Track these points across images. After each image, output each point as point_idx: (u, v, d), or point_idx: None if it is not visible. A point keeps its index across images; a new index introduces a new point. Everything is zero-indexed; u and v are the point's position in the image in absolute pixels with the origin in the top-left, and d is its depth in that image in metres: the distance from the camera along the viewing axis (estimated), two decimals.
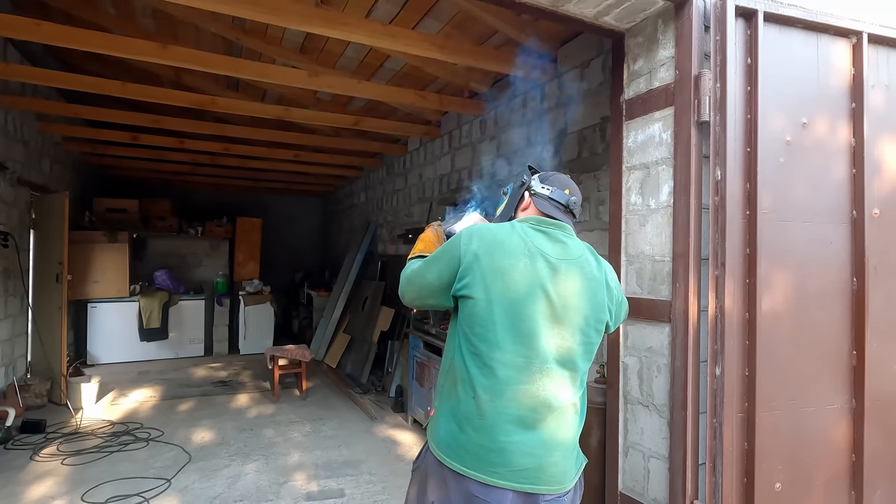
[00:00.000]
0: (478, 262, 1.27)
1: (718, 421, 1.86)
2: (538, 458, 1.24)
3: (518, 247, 1.29)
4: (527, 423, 1.24)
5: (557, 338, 1.27)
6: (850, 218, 2.08)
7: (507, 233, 1.32)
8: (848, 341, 2.06)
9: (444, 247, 1.36)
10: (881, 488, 2.12)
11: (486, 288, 1.25)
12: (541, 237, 1.33)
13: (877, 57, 2.13)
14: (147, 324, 6.34)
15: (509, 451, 1.22)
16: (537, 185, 1.44)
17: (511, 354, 1.24)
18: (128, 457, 3.45)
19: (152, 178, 8.02)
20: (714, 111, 1.88)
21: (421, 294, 1.39)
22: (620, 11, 2.06)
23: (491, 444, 1.23)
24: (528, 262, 1.27)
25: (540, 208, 1.41)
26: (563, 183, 1.45)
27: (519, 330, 1.24)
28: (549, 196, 1.42)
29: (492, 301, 1.25)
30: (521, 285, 1.25)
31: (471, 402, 1.25)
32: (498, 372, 1.23)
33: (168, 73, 4.51)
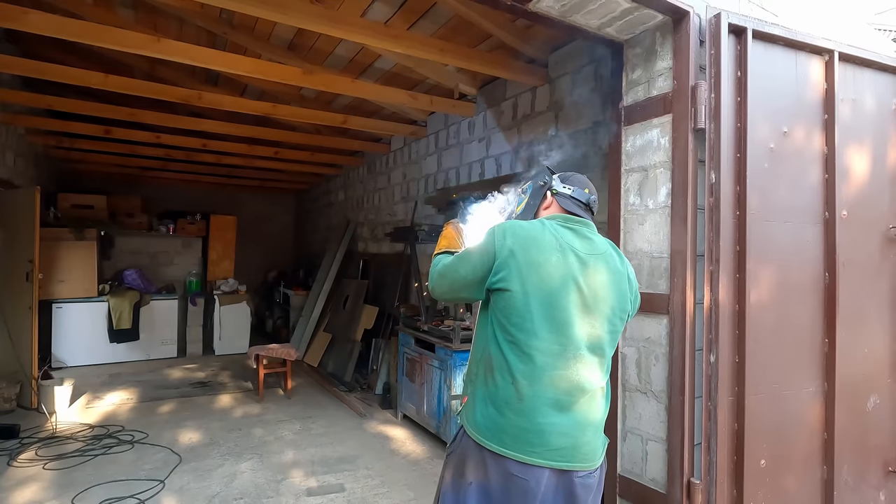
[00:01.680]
0: (513, 257, 1.34)
1: (713, 404, 2.02)
2: (573, 437, 1.33)
3: (550, 242, 1.38)
4: (563, 405, 1.33)
5: (588, 326, 1.37)
6: (822, 219, 2.29)
7: (539, 229, 1.40)
8: (821, 330, 2.28)
9: (479, 242, 1.43)
10: (848, 463, 2.35)
11: (523, 281, 1.33)
12: (569, 233, 1.42)
13: (845, 73, 2.35)
14: (117, 324, 6.10)
15: (547, 432, 1.31)
16: (558, 185, 1.54)
17: (547, 342, 1.32)
18: (114, 460, 3.36)
19: (121, 173, 7.72)
20: (709, 119, 2.04)
21: (454, 287, 1.46)
22: (622, 24, 2.20)
23: (530, 425, 1.31)
24: (560, 256, 1.36)
25: (564, 206, 1.51)
26: (583, 182, 1.55)
27: (554, 319, 1.33)
28: (571, 195, 1.51)
29: (528, 293, 1.33)
30: (555, 278, 1.34)
31: (510, 387, 1.33)
32: (536, 359, 1.32)
33: (142, 64, 4.39)
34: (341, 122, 4.86)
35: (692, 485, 2.03)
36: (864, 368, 2.38)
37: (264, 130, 5.43)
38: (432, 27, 3.39)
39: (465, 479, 1.39)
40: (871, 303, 2.42)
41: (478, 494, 1.35)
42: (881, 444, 2.46)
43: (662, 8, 2.06)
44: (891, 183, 2.49)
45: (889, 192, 2.49)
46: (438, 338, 3.68)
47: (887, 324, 2.47)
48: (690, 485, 2.03)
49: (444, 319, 4.04)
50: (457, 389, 3.48)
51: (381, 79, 4.33)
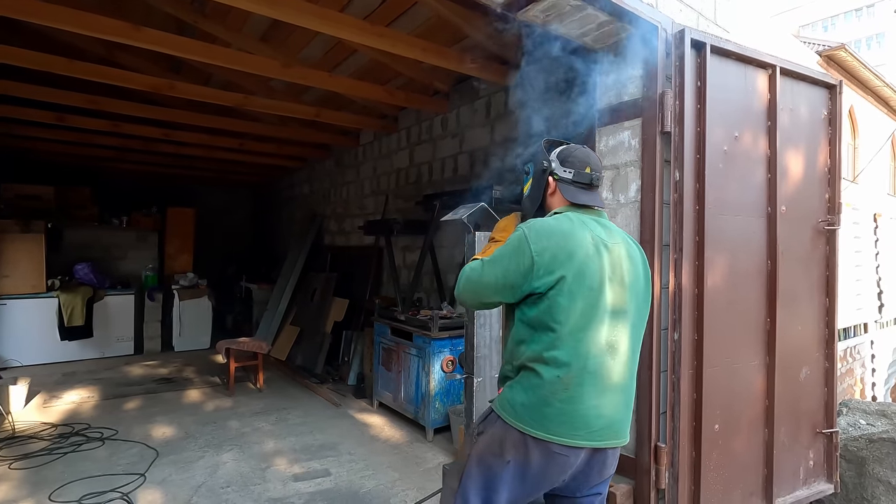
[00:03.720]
0: (554, 259, 1.37)
1: (677, 377, 2.29)
2: (611, 418, 1.42)
3: (583, 237, 1.41)
4: (603, 392, 1.41)
5: (624, 317, 1.44)
6: (766, 213, 2.61)
7: (568, 225, 1.43)
8: (764, 311, 2.60)
9: (508, 247, 1.43)
10: (784, 426, 2.69)
11: (565, 280, 1.37)
12: (593, 223, 1.47)
13: (785, 86, 2.67)
14: (69, 321, 5.83)
15: (590, 416, 1.39)
16: (559, 168, 1.52)
17: (592, 334, 1.38)
18: (85, 456, 3.28)
19: (70, 163, 7.29)
20: (675, 123, 2.29)
21: (482, 292, 1.47)
22: (598, 34, 2.41)
23: (575, 412, 1.38)
24: (594, 249, 1.41)
25: (567, 196, 1.51)
26: (583, 160, 1.52)
27: (596, 314, 1.39)
28: (573, 179, 1.51)
29: (573, 292, 1.37)
30: (594, 272, 1.39)
31: (556, 381, 1.37)
32: (580, 350, 1.37)
33: (98, 49, 4.22)
34: (314, 115, 4.87)
35: (659, 448, 2.29)
36: (799, 343, 2.73)
37: (229, 121, 5.33)
38: (411, 25, 3.50)
39: (502, 458, 1.43)
40: (804, 287, 2.78)
41: (514, 470, 1.42)
42: (811, 409, 2.83)
43: (634, 22, 2.28)
44: (820, 182, 2.85)
45: (819, 191, 2.85)
46: (416, 327, 3.81)
47: (816, 305, 2.84)
48: (657, 449, 2.29)
49: (421, 309, 4.18)
50: (436, 375, 3.64)
51: (355, 73, 4.39)
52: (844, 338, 5.14)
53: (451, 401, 3.71)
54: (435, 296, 4.45)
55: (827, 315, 2.89)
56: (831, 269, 2.89)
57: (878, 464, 3.11)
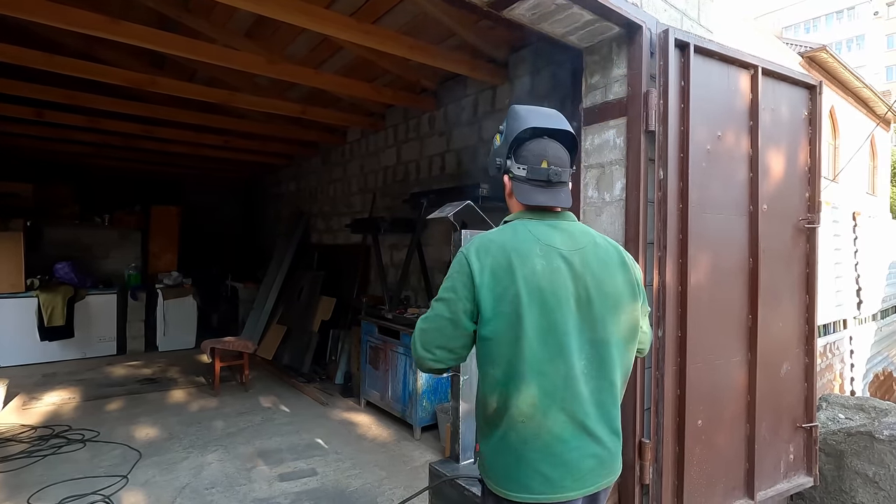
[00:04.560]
0: (495, 278, 1.17)
1: (661, 373, 2.31)
2: (599, 456, 1.22)
3: (530, 248, 1.20)
4: (582, 425, 1.20)
5: (590, 332, 1.21)
6: (747, 211, 2.65)
7: (511, 236, 1.22)
8: (746, 308, 2.63)
9: (451, 270, 1.24)
10: (766, 421, 2.74)
11: (513, 303, 1.16)
12: (546, 229, 1.24)
13: (766, 86, 2.71)
14: (49, 321, 5.71)
15: (573, 460, 1.19)
16: (513, 165, 1.29)
17: (553, 364, 1.17)
18: (66, 459, 3.23)
19: (50, 160, 7.13)
20: (659, 122, 2.31)
21: (440, 337, 1.22)
22: (583, 33, 2.42)
23: (554, 459, 1.18)
24: (545, 261, 1.19)
25: (520, 198, 1.28)
26: (539, 153, 1.28)
27: (555, 336, 1.18)
28: (527, 177, 1.27)
29: (522, 315, 1.15)
30: (546, 289, 1.17)
31: (522, 426, 1.18)
32: (544, 386, 1.17)
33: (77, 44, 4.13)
34: (300, 112, 4.83)
35: (643, 444, 2.31)
36: (779, 340, 2.78)
37: (214, 118, 5.26)
38: (397, 23, 3.48)
39: None
40: (785, 284, 2.83)
41: None
42: (791, 404, 2.88)
43: (620, 22, 2.30)
44: (800, 181, 2.90)
45: (799, 189, 2.90)
46: (404, 325, 3.81)
47: (797, 302, 2.89)
48: (642, 444, 2.31)
49: (409, 308, 4.17)
50: (423, 374, 3.63)
51: (341, 70, 4.35)
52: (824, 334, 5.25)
53: (439, 399, 3.72)
54: (422, 294, 4.44)
55: (807, 312, 2.94)
56: (811, 267, 2.94)
57: (856, 457, 3.18)
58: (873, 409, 3.78)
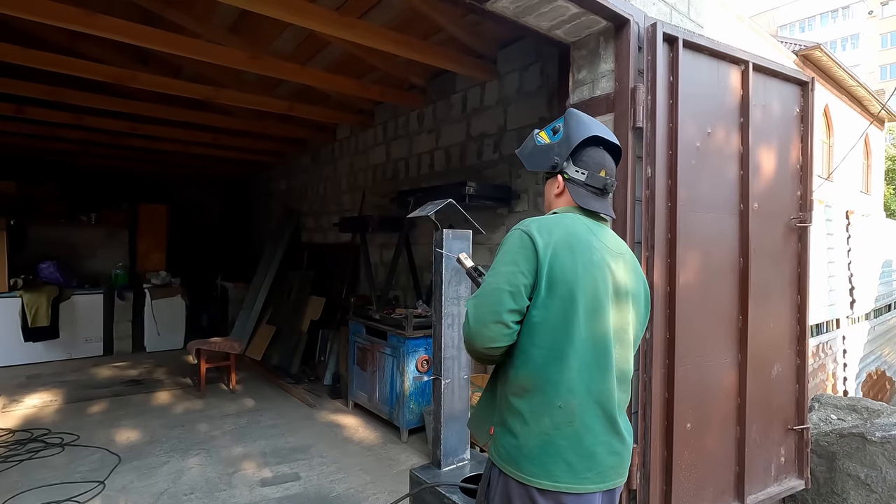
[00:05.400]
0: (557, 259, 1.17)
1: (648, 376, 2.26)
2: (620, 453, 1.25)
3: (589, 240, 1.24)
4: (609, 420, 1.22)
5: (626, 337, 1.28)
6: (738, 210, 2.59)
7: (571, 224, 1.24)
8: (736, 308, 2.58)
9: (507, 245, 1.22)
10: (756, 423, 2.69)
11: (569, 285, 1.17)
12: (598, 228, 1.30)
13: (757, 82, 2.66)
14: (33, 322, 5.61)
15: (599, 453, 1.19)
16: (571, 168, 1.33)
17: (592, 354, 1.19)
18: (43, 464, 3.15)
19: (34, 157, 7.02)
20: (647, 119, 2.25)
21: (497, 300, 1.16)
22: (570, 27, 2.36)
23: (582, 449, 1.18)
24: (601, 259, 1.23)
25: (576, 199, 1.32)
26: (599, 162, 1.33)
27: (603, 330, 1.20)
28: (585, 182, 1.32)
29: (575, 300, 1.17)
30: (601, 284, 1.21)
31: (557, 410, 1.17)
32: (585, 375, 1.18)
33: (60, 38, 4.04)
34: (286, 108, 4.75)
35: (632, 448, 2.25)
36: (770, 340, 2.73)
37: (201, 115, 5.17)
38: (384, 17, 3.41)
39: None
40: (776, 284, 2.78)
41: None
42: (782, 405, 2.84)
43: (606, 15, 2.24)
44: (792, 179, 2.85)
45: (791, 188, 2.85)
46: (391, 326, 3.74)
47: (788, 302, 2.84)
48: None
49: (396, 308, 4.10)
50: (410, 375, 3.57)
51: (328, 67, 4.28)
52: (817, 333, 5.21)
53: (427, 401, 3.66)
54: (411, 294, 4.38)
55: (799, 312, 2.90)
56: (803, 266, 2.89)
57: (848, 458, 3.14)
58: (866, 410, 3.75)
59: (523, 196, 3.36)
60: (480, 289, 1.23)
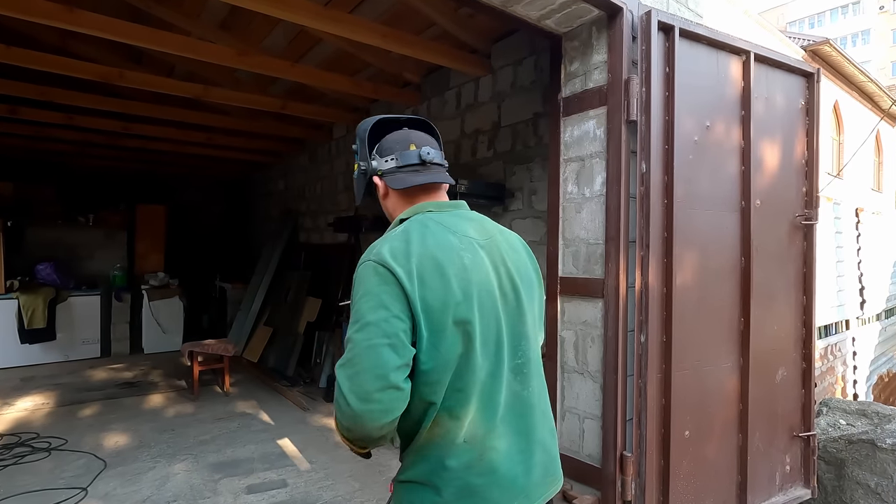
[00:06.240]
0: (424, 283, 0.97)
1: (643, 381, 2.15)
2: (545, 463, 1.11)
3: (450, 242, 1.04)
4: (527, 431, 1.08)
5: (522, 326, 1.11)
6: (739, 207, 2.48)
7: (421, 230, 1.04)
8: (737, 310, 2.47)
9: (362, 287, 0.99)
10: (759, 430, 2.57)
11: (453, 312, 0.99)
12: (457, 220, 1.10)
13: (759, 73, 2.54)
14: (29, 323, 5.59)
15: (519, 473, 1.05)
16: (379, 162, 1.15)
17: (494, 372, 1.04)
18: (27, 469, 3.09)
19: (31, 158, 7.01)
20: (641, 112, 2.15)
21: (381, 380, 0.91)
22: (560, 17, 2.26)
23: (502, 479, 1.03)
24: (471, 255, 1.05)
25: (397, 185, 1.13)
26: (402, 141, 1.16)
27: (494, 342, 1.04)
28: (398, 166, 1.13)
29: (464, 325, 1.00)
30: (479, 287, 1.03)
31: (466, 448, 1.01)
32: (486, 399, 1.03)
33: (50, 37, 3.99)
34: (279, 107, 4.67)
35: (624, 458, 2.15)
36: (774, 344, 2.61)
37: (195, 114, 5.11)
38: (375, 12, 3.32)
39: None
40: (780, 284, 2.66)
41: None
42: (788, 412, 2.72)
43: (598, 3, 2.13)
44: (797, 175, 2.73)
45: (796, 184, 2.73)
46: None
47: (793, 303, 2.72)
48: (623, 458, 2.15)
49: None
50: None
51: (321, 64, 4.20)
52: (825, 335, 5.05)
53: None
54: None
55: (804, 314, 2.78)
56: (809, 266, 2.77)
57: (858, 466, 3.01)
58: (876, 415, 3.61)
59: (518, 194, 3.26)
60: (348, 353, 0.96)
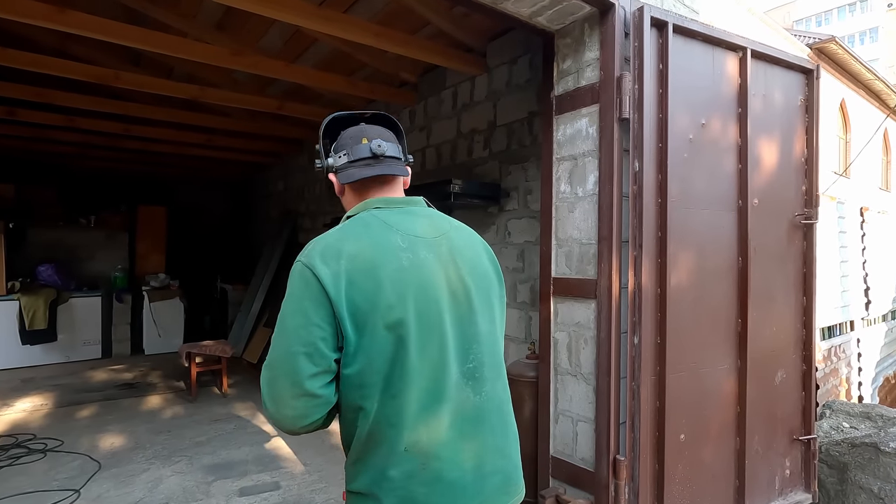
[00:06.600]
0: (354, 287, 0.94)
1: (636, 384, 2.11)
2: (504, 470, 1.05)
3: (389, 242, 1.00)
4: (480, 437, 1.02)
5: (475, 326, 1.05)
6: (736, 206, 2.43)
7: (361, 230, 1.01)
8: (735, 311, 2.42)
9: (289, 291, 0.97)
10: (758, 433, 2.53)
11: (383, 316, 0.94)
12: (401, 216, 1.06)
13: (757, 70, 2.50)
14: (30, 325, 5.61)
15: (472, 484, 0.99)
16: (334, 159, 1.14)
17: (437, 376, 0.98)
18: (22, 471, 3.08)
19: (32, 160, 7.05)
20: (633, 109, 2.11)
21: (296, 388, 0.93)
22: (552, 13, 2.23)
23: (451, 489, 0.97)
24: (411, 254, 1.00)
25: (348, 180, 1.10)
26: (356, 135, 1.14)
27: (436, 346, 0.99)
28: (350, 161, 1.10)
29: (397, 330, 0.95)
30: (419, 289, 0.98)
31: (406, 457, 0.95)
32: (428, 403, 0.97)
33: (51, 40, 4.00)
34: (276, 107, 4.67)
35: (618, 461, 2.11)
36: (773, 345, 2.56)
37: (194, 115, 5.11)
38: (370, 12, 3.30)
39: None
40: (779, 284, 2.61)
41: None
42: (788, 414, 2.66)
43: None
44: (796, 173, 2.68)
45: (795, 182, 2.68)
46: None
47: (793, 304, 2.67)
48: (616, 462, 2.11)
49: None
50: None
51: (318, 64, 4.18)
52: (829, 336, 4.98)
53: None
54: None
55: (804, 315, 2.73)
56: (809, 266, 2.72)
57: (861, 470, 2.95)
58: (880, 418, 3.54)
59: (513, 194, 3.23)
60: (269, 355, 0.97)
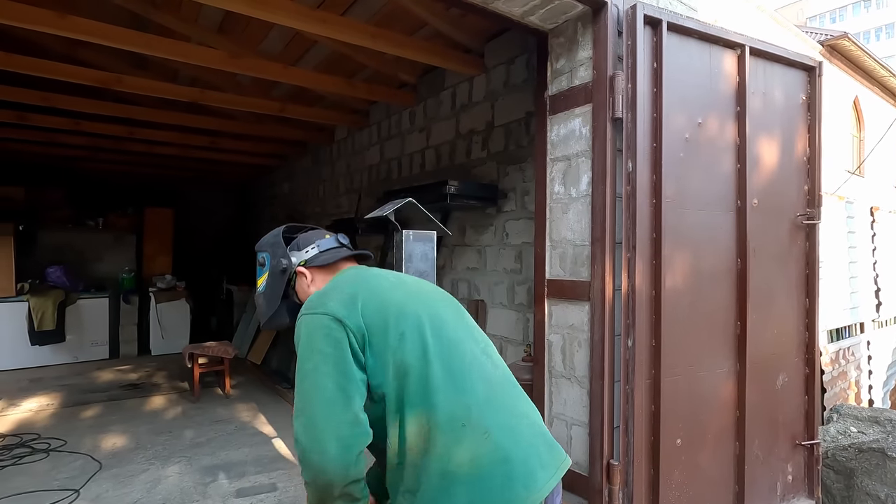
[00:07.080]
0: (375, 323, 1.07)
1: (630, 387, 2.08)
2: (545, 437, 1.14)
3: (384, 278, 1.18)
4: (515, 406, 1.14)
5: (463, 322, 1.22)
6: (735, 207, 2.39)
7: (357, 276, 1.19)
8: (733, 313, 2.38)
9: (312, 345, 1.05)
10: (758, 438, 2.47)
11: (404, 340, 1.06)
12: (377, 271, 1.24)
13: (756, 67, 2.45)
14: (39, 325, 5.69)
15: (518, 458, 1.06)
16: (301, 255, 1.26)
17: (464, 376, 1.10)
18: (24, 470, 3.12)
19: (41, 163, 7.16)
20: (626, 109, 2.08)
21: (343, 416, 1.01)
22: (544, 12, 2.20)
23: (509, 462, 1.04)
24: (400, 285, 1.19)
25: (326, 261, 1.25)
26: (316, 234, 1.32)
27: (452, 344, 1.12)
28: (321, 251, 1.27)
29: (420, 337, 1.08)
30: (424, 303, 1.15)
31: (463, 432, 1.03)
32: (468, 382, 1.09)
33: (59, 46, 4.05)
34: (278, 110, 4.69)
35: (611, 466, 2.08)
36: (774, 348, 2.51)
37: (198, 118, 5.16)
38: (367, 13, 3.30)
39: None
40: (781, 286, 2.55)
41: None
42: (789, 419, 2.61)
43: None
44: (798, 173, 2.63)
45: (796, 182, 2.62)
46: None
47: (795, 306, 2.61)
48: (610, 466, 2.08)
49: None
50: None
51: (318, 66, 4.19)
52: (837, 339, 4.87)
53: None
54: None
55: (807, 317, 2.67)
56: (811, 267, 2.66)
57: (868, 476, 2.89)
58: (889, 422, 3.46)
59: (511, 195, 3.20)
60: (300, 404, 1.03)
